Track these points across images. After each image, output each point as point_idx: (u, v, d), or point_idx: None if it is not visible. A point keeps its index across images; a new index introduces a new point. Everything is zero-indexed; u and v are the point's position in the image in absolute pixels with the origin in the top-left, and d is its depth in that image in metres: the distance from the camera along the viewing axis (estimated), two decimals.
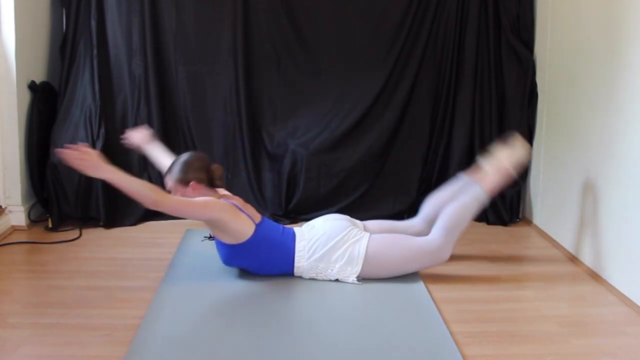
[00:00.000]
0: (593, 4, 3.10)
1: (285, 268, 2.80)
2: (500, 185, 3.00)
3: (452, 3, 3.81)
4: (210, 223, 2.71)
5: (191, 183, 2.77)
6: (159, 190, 2.59)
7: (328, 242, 2.77)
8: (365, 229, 2.96)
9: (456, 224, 2.86)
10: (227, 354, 2.19)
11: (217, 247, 2.82)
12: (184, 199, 2.66)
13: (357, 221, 3.01)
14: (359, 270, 2.76)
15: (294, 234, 2.82)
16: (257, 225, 2.74)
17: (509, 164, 2.98)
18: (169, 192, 2.80)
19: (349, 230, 2.81)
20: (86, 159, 2.46)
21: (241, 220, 2.70)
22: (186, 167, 2.80)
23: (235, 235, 2.70)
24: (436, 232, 2.86)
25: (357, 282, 2.76)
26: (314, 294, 2.69)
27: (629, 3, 2.77)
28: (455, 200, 2.94)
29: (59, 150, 2.59)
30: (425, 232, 2.99)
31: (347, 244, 2.77)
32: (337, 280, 2.78)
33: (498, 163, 2.99)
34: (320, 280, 2.79)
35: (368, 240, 2.78)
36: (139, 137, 3.24)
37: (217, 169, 2.86)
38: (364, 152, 3.86)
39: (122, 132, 3.74)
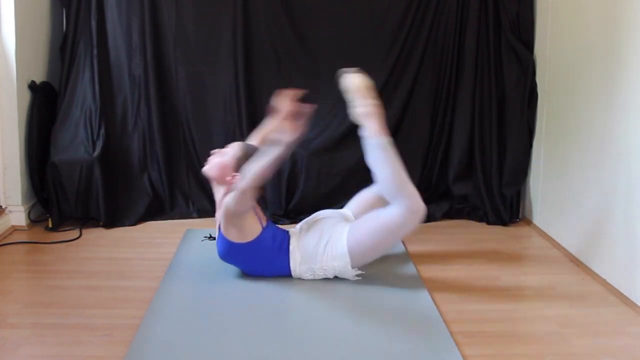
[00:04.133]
0: (593, 4, 3.10)
1: (281, 272, 2.81)
2: (379, 118, 2.75)
3: (452, 3, 3.81)
4: (235, 214, 2.65)
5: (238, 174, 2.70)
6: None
7: (315, 244, 2.77)
8: (355, 216, 2.94)
9: (398, 183, 2.70)
10: (227, 354, 2.19)
11: (217, 240, 2.80)
12: (235, 193, 2.62)
13: (348, 213, 2.99)
14: (350, 262, 2.75)
15: (289, 239, 2.83)
16: (264, 229, 2.75)
17: (364, 100, 2.75)
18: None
19: (329, 228, 2.80)
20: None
21: (254, 219, 2.71)
22: (248, 157, 2.71)
23: (244, 232, 2.69)
24: (393, 201, 2.72)
25: (357, 274, 2.77)
26: (313, 294, 2.69)
27: (629, 3, 2.77)
28: (374, 170, 2.79)
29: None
30: None
31: (330, 244, 2.76)
32: (336, 277, 2.78)
33: (359, 109, 2.77)
34: (319, 279, 2.79)
35: (347, 234, 2.74)
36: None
37: None
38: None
39: (123, 132, 3.78)
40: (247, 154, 2.74)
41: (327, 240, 2.77)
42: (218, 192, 2.83)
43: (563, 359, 2.23)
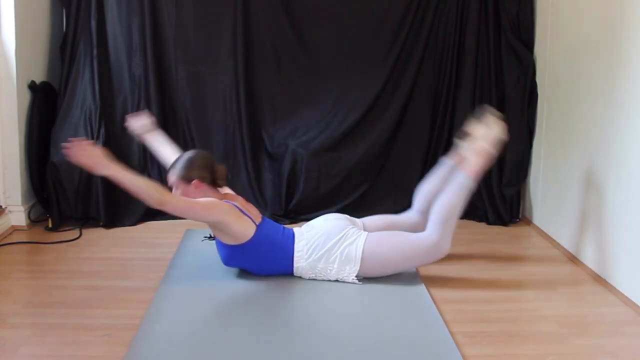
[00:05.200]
0: (593, 3, 3.10)
1: (284, 268, 2.80)
2: (484, 166, 2.92)
3: (452, 3, 3.81)
4: (212, 224, 2.72)
5: (194, 181, 2.77)
6: (163, 190, 2.60)
7: (326, 242, 2.77)
8: (365, 227, 2.97)
9: (449, 215, 2.82)
10: (227, 354, 2.19)
11: (217, 247, 2.82)
12: (188, 199, 2.66)
13: (357, 220, 3.01)
14: (357, 270, 2.76)
15: (293, 235, 2.82)
16: (258, 226, 2.75)
17: (488, 144, 2.90)
18: (170, 187, 2.80)
19: (347, 230, 2.80)
20: (89, 156, 2.49)
21: (242, 222, 2.70)
22: (190, 164, 2.80)
23: (236, 236, 2.70)
24: (431, 227, 2.84)
25: (357, 281, 2.76)
26: (314, 294, 2.69)
27: (629, 3, 2.77)
28: (443, 193, 2.90)
29: (64, 145, 2.62)
30: (421, 223, 2.99)
31: (345, 244, 2.76)
32: (337, 280, 2.78)
33: (477, 146, 2.91)
34: (320, 280, 2.79)
35: (365, 240, 2.78)
36: (140, 125, 3.22)
37: (220, 168, 2.87)
38: (364, 152, 3.86)
39: (123, 132, 3.78)
40: (190, 166, 2.81)
41: (346, 240, 2.77)
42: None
43: (563, 359, 2.23)
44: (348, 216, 2.99)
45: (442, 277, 2.93)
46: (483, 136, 2.92)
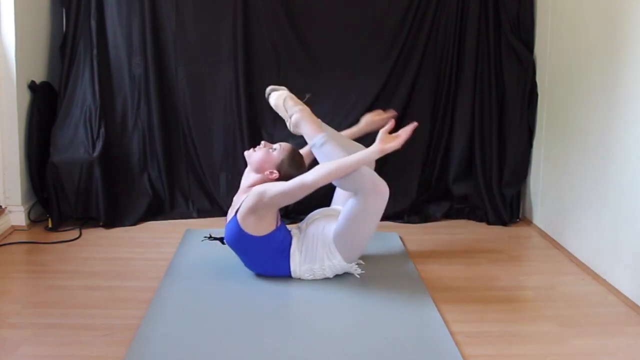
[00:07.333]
0: (593, 4, 3.11)
1: (281, 272, 2.81)
2: (307, 119, 2.83)
3: (452, 3, 3.81)
4: (268, 205, 2.67)
5: (276, 175, 2.81)
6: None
7: (317, 245, 2.78)
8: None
9: (340, 172, 2.67)
10: (227, 354, 2.20)
11: (227, 223, 2.79)
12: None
13: (340, 208, 3.00)
14: (341, 257, 2.76)
15: (290, 240, 2.83)
16: (277, 228, 2.77)
17: (291, 106, 2.87)
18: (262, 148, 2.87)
19: (322, 228, 2.81)
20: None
21: (273, 216, 2.75)
22: (292, 164, 2.84)
23: (260, 224, 2.69)
24: (353, 194, 2.73)
25: (358, 271, 2.79)
26: (314, 294, 2.69)
27: (629, 3, 2.77)
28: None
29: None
30: None
31: (322, 243, 2.78)
32: (336, 277, 2.78)
33: (290, 123, 2.88)
34: (320, 279, 2.79)
35: (332, 231, 2.77)
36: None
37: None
38: None
39: (123, 132, 3.79)
40: (293, 159, 2.84)
41: (321, 240, 2.78)
42: (247, 178, 2.90)
43: (563, 359, 2.23)
44: (333, 207, 3.01)
45: (442, 277, 2.93)
46: (278, 109, 2.89)
